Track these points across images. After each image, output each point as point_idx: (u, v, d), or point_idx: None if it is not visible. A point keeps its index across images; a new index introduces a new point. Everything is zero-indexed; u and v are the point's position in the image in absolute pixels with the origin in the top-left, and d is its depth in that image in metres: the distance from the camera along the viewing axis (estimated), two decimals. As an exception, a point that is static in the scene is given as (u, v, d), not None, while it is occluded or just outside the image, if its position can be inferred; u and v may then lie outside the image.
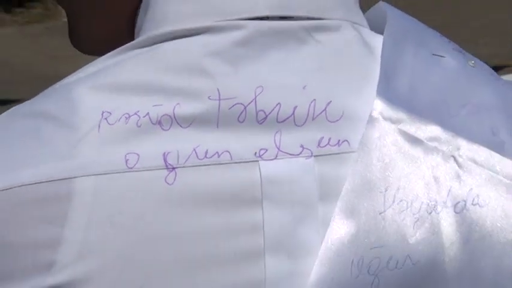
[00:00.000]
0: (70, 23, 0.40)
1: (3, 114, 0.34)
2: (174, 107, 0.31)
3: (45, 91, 0.35)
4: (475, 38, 4.50)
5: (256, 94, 0.32)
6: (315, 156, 0.32)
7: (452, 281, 0.32)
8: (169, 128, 0.31)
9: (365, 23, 0.37)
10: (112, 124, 0.31)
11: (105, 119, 0.31)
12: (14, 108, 0.34)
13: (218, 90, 0.31)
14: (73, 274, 0.30)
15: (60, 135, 0.31)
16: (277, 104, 0.32)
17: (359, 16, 0.36)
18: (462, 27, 5.00)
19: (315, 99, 0.32)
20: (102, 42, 0.38)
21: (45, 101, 0.34)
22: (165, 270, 0.30)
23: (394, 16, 0.37)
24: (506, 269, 0.32)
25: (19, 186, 0.30)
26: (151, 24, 0.34)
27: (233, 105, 0.31)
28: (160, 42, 0.33)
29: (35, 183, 0.30)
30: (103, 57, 0.34)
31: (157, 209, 0.30)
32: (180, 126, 0.31)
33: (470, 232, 0.32)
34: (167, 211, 0.30)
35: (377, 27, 0.37)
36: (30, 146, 0.31)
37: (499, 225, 0.32)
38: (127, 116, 0.31)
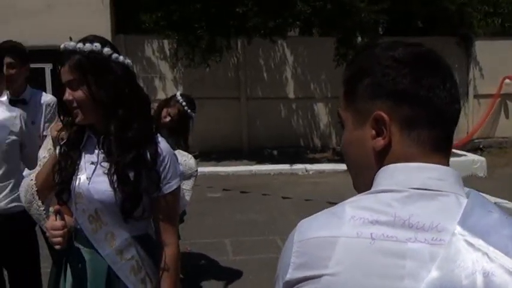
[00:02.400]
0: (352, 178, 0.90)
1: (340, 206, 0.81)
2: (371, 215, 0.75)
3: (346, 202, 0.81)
4: None
5: (410, 216, 0.73)
6: (431, 244, 0.72)
7: None
8: (375, 224, 0.74)
9: (462, 192, 0.78)
10: (356, 220, 0.74)
11: (353, 217, 0.75)
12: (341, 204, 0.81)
13: (395, 214, 0.74)
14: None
15: (336, 219, 0.76)
16: (418, 221, 0.73)
17: (460, 190, 0.79)
18: None
19: (432, 221, 0.73)
20: (363, 188, 0.83)
21: (335, 208, 0.80)
22: None
23: (474, 195, 0.79)
24: None
25: (323, 237, 0.75)
26: (383, 181, 0.79)
27: (400, 220, 0.73)
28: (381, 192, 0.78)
29: (325, 236, 0.75)
30: (363, 194, 0.81)
31: (370, 257, 0.72)
32: (379, 224, 0.74)
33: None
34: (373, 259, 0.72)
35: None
36: (330, 221, 0.77)
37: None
38: (364, 219, 0.74)
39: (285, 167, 9.45)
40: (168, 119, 3.42)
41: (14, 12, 10.83)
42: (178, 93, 3.59)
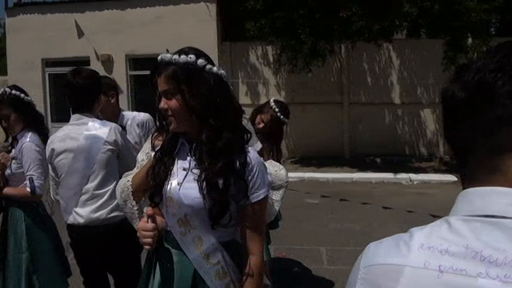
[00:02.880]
0: None
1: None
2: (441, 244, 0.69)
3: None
4: None
5: (483, 248, 0.65)
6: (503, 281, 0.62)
7: None
8: (444, 255, 0.67)
9: None
10: (425, 248, 0.68)
11: (423, 245, 0.69)
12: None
13: (467, 244, 0.66)
14: None
15: (404, 246, 0.71)
16: (491, 255, 0.64)
17: None
18: None
19: (507, 255, 0.63)
20: None
21: (406, 233, 0.75)
22: None
23: None
24: None
25: (389, 264, 0.71)
26: (460, 207, 0.72)
27: (472, 252, 0.65)
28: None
29: (391, 264, 0.70)
30: (439, 220, 0.73)
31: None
32: (449, 255, 0.67)
33: None
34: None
35: None
36: (397, 247, 0.72)
37: None
38: (434, 248, 0.68)
39: (387, 175, 9.15)
40: (261, 125, 3.47)
41: (125, 23, 11.68)
42: (272, 100, 3.63)
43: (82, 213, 2.61)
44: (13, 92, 2.92)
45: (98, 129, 2.63)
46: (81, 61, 10.76)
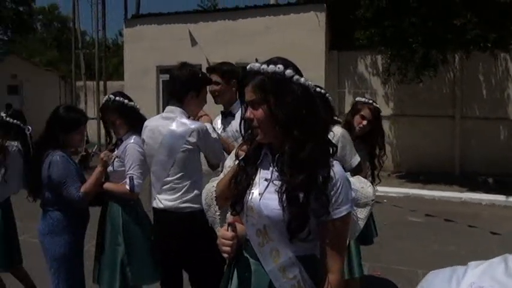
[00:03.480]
0: None
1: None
2: None
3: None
4: None
5: None
6: None
7: None
8: None
9: None
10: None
11: (473, 284, 0.67)
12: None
13: None
14: None
15: (455, 281, 0.71)
16: None
17: None
18: None
19: None
20: None
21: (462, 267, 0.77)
22: None
23: None
24: None
25: None
26: None
27: None
28: None
29: None
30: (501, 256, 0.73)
31: None
32: None
33: None
34: None
35: None
36: (450, 280, 0.73)
37: None
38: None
39: (499, 197, 8.40)
40: (364, 122, 3.38)
41: (236, 34, 12.05)
42: (357, 99, 3.56)
43: (161, 199, 2.81)
44: (117, 98, 3.13)
45: (183, 127, 2.76)
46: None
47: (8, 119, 3.61)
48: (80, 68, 16.28)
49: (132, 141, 3.06)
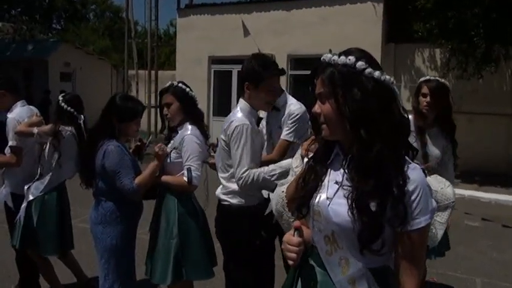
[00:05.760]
0: None
1: None
2: None
3: None
4: None
5: None
6: None
7: None
8: None
9: None
10: None
11: None
12: None
13: None
14: None
15: None
16: None
17: None
18: None
19: None
20: None
21: None
22: None
23: None
24: None
25: None
26: None
27: None
28: None
29: None
30: None
31: None
32: None
33: None
34: None
35: None
36: None
37: None
38: None
39: (562, 202, 7.87)
40: (427, 98, 3.15)
41: (289, 24, 11.88)
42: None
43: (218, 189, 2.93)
44: (180, 84, 3.09)
45: (232, 122, 2.73)
46: (244, 60, 11.24)
47: (62, 104, 3.62)
48: (132, 57, 16.56)
49: (189, 132, 2.99)
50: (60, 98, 3.67)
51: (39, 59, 18.03)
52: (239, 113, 2.77)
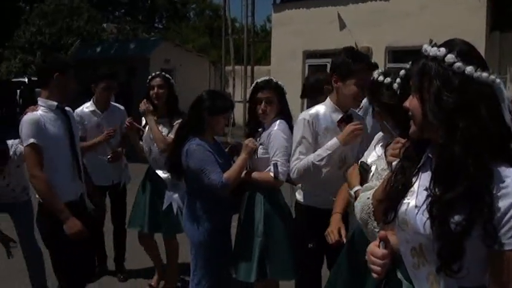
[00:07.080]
0: None
1: None
2: None
3: None
4: None
5: None
6: None
7: None
8: None
9: None
10: None
11: None
12: None
13: None
14: None
15: None
16: None
17: None
18: None
19: None
20: None
21: None
22: None
23: None
24: None
25: None
26: None
27: None
28: None
29: None
30: None
31: None
32: None
33: None
34: None
35: None
36: None
37: None
38: None
39: None
40: None
41: (388, 15, 11.37)
42: None
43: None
44: (279, 82, 3.06)
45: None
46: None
47: None
48: (229, 53, 16.93)
49: (276, 127, 2.95)
50: None
51: (141, 56, 19.07)
52: (315, 108, 2.75)
